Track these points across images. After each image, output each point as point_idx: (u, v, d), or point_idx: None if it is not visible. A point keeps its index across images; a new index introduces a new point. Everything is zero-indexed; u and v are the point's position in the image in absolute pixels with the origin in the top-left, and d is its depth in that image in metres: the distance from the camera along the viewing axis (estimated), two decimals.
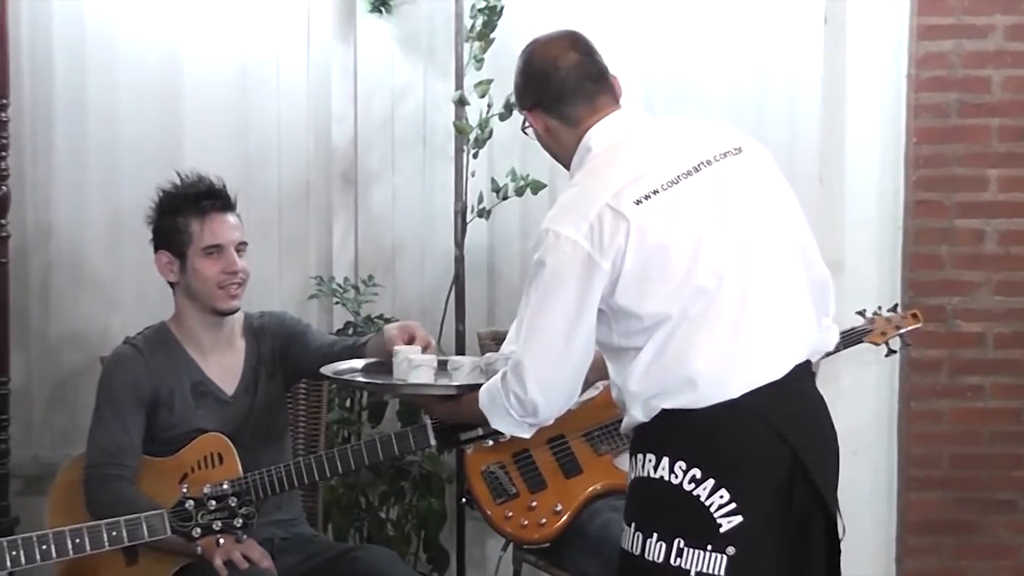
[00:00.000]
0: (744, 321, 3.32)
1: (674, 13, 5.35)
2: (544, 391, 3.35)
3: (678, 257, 3.26)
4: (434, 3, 5.30)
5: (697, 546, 3.25)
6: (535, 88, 3.51)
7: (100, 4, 5.27)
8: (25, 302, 5.30)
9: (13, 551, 3.58)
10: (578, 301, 3.27)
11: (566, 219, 3.30)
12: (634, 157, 3.37)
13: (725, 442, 3.29)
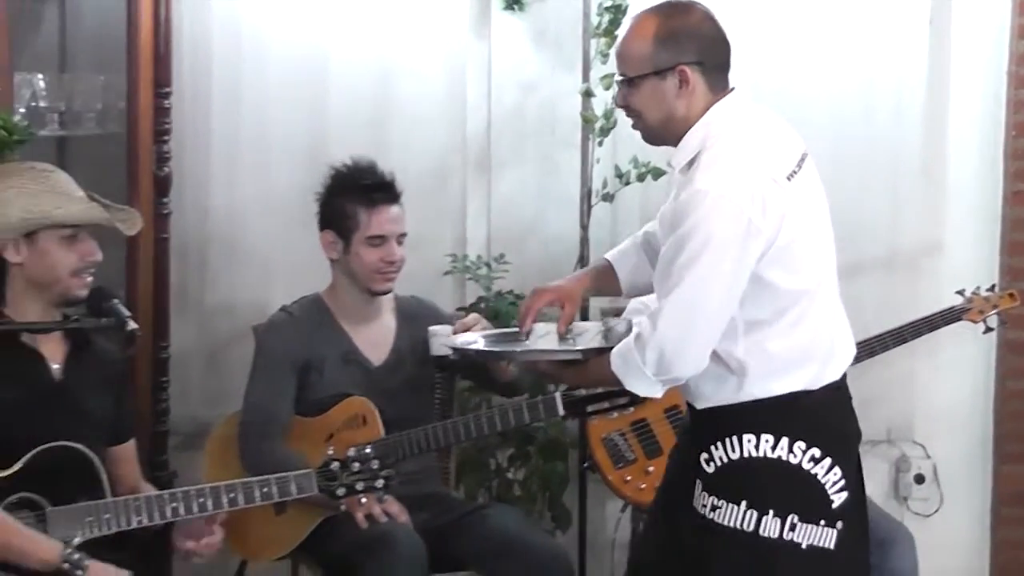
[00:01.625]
0: (838, 305, 3.37)
1: (788, 18, 5.34)
2: (681, 351, 3.18)
3: (814, 236, 3.25)
4: (563, 1, 5.29)
5: (811, 521, 3.22)
6: (706, 48, 3.34)
7: (254, 6, 5.33)
8: (184, 275, 5.35)
9: (173, 503, 3.64)
10: (736, 264, 3.14)
11: (730, 183, 3.15)
12: (770, 136, 3.32)
13: (835, 422, 3.31)
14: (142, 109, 5.00)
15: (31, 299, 3.66)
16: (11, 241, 3.62)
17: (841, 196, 5.17)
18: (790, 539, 3.22)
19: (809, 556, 3.23)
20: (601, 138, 5.12)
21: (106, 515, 3.55)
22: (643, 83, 3.33)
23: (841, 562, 3.27)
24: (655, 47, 3.31)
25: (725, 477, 3.31)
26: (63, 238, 3.64)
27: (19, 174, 3.73)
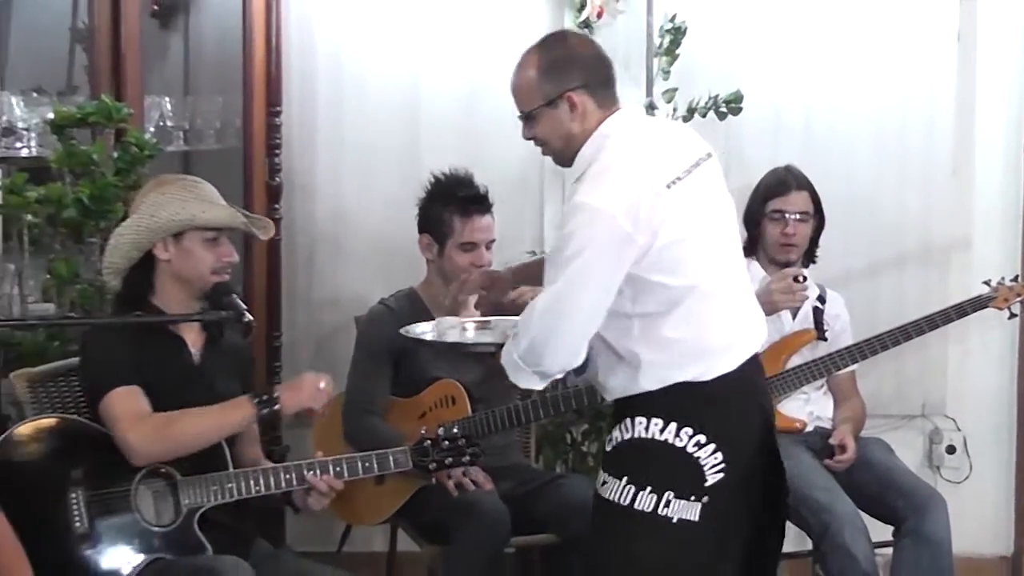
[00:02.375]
0: (737, 298, 3.28)
1: (828, 37, 5.32)
2: (548, 345, 3.13)
3: (698, 237, 3.15)
4: (629, 24, 5.28)
5: (683, 497, 3.17)
6: (587, 71, 3.26)
7: (355, 34, 5.38)
8: (294, 272, 5.42)
9: (287, 475, 3.70)
10: (607, 271, 3.09)
11: (603, 195, 3.09)
12: (656, 146, 3.22)
13: (726, 411, 3.20)
14: (256, 126, 5.10)
15: (175, 292, 3.72)
16: (161, 240, 3.68)
17: (881, 199, 5.32)
18: (663, 514, 3.16)
19: (677, 528, 3.17)
20: None
21: (229, 484, 3.61)
22: (539, 115, 3.29)
23: (706, 534, 3.18)
24: (540, 80, 3.27)
25: (615, 455, 3.27)
26: (206, 240, 3.70)
27: (172, 183, 3.80)
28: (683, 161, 3.19)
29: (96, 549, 3.51)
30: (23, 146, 4.39)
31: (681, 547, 3.19)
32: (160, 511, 3.58)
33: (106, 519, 3.53)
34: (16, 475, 3.53)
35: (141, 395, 3.59)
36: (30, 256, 4.27)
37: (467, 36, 5.33)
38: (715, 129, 5.14)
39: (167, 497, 3.59)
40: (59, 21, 4.87)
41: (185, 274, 3.71)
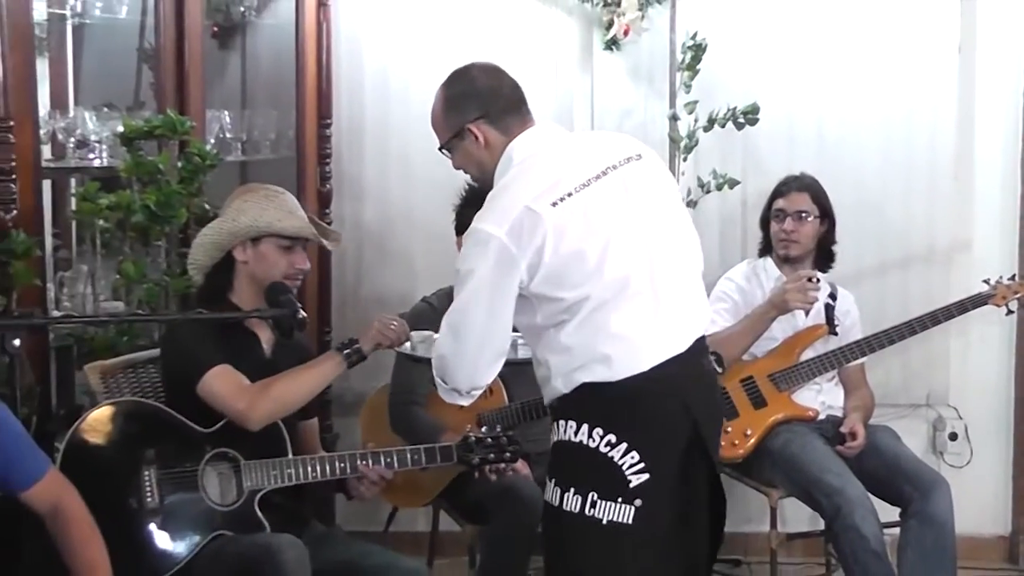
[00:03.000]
0: (652, 302, 3.08)
1: (838, 52, 5.31)
2: (453, 364, 3.14)
3: (592, 250, 3.02)
4: (654, 41, 5.30)
5: (608, 499, 3.04)
6: (484, 102, 3.21)
7: (399, 52, 5.40)
8: (343, 272, 5.44)
9: (341, 463, 3.72)
10: (494, 291, 3.04)
11: (490, 218, 3.04)
12: (550, 165, 3.11)
13: (637, 411, 3.06)
14: (308, 137, 5.15)
15: (250, 291, 3.76)
16: (240, 243, 3.73)
17: (888, 203, 5.33)
18: (591, 515, 3.04)
19: (608, 531, 3.03)
20: (685, 154, 5.15)
21: (288, 470, 3.64)
22: (452, 147, 3.27)
23: (641, 536, 3.04)
24: (445, 116, 3.26)
25: (550, 459, 3.21)
26: (281, 247, 3.74)
27: (256, 191, 3.84)
28: (579, 175, 3.08)
29: (165, 523, 3.55)
30: (95, 157, 4.41)
31: (613, 549, 3.06)
32: (224, 491, 3.62)
33: (175, 496, 3.56)
34: (93, 453, 3.57)
35: (235, 372, 3.64)
36: (101, 258, 4.29)
37: (502, 54, 5.18)
38: (733, 139, 5.20)
39: (231, 479, 3.63)
40: (128, 43, 4.88)
41: (260, 276, 3.74)
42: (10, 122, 3.82)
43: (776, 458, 4.53)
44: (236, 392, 3.60)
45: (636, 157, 3.19)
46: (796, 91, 5.33)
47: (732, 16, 5.28)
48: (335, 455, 3.78)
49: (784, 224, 4.73)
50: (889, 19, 5.32)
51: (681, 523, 3.11)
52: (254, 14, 5.29)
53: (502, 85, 3.26)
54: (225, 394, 3.60)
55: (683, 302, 3.17)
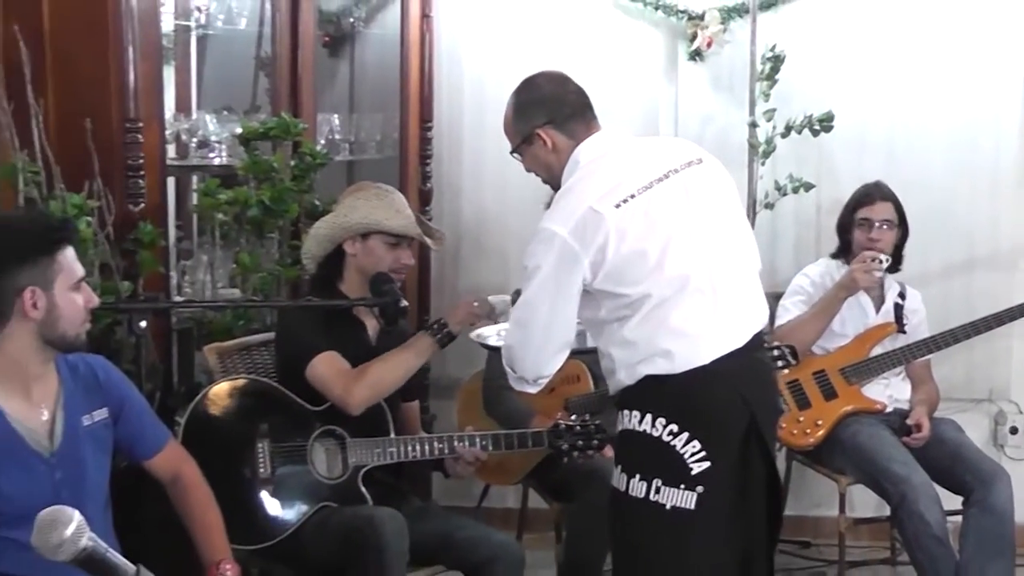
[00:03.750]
0: (711, 299, 3.05)
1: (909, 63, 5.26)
2: (519, 355, 3.13)
3: (653, 249, 3.00)
4: (735, 53, 5.29)
5: (672, 485, 3.01)
6: (550, 108, 3.19)
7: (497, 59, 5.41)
8: (442, 265, 5.47)
9: (440, 444, 3.76)
10: (558, 288, 3.03)
11: (556, 218, 3.03)
12: (614, 168, 3.09)
13: (698, 402, 3.03)
14: (410, 139, 5.19)
15: (358, 283, 3.79)
16: (351, 238, 3.78)
17: (954, 207, 5.29)
18: (655, 500, 3.02)
19: (672, 515, 3.01)
20: (763, 159, 5.13)
21: (390, 448, 3.68)
22: (522, 152, 3.28)
23: (702, 521, 3.02)
24: (515, 122, 3.27)
25: (616, 446, 3.20)
26: (388, 243, 3.78)
27: (368, 189, 3.90)
28: (642, 178, 3.06)
29: (276, 493, 3.61)
30: (215, 156, 4.46)
31: (676, 533, 3.04)
32: (330, 466, 3.67)
33: (286, 468, 3.62)
34: (212, 426, 3.64)
35: (339, 358, 3.68)
36: (220, 249, 4.35)
37: (592, 64, 5.29)
38: (809, 145, 5.17)
39: (337, 455, 3.67)
40: (246, 51, 4.93)
41: (367, 269, 3.78)
42: (139, 124, 3.88)
43: (845, 447, 4.51)
44: (337, 378, 3.64)
45: (697, 162, 3.16)
46: (868, 100, 5.29)
47: (809, 29, 5.26)
48: (434, 436, 3.82)
49: (871, 233, 4.68)
50: (957, 30, 5.25)
51: (740, 509, 3.08)
52: (362, 25, 5.37)
53: (567, 92, 3.25)
54: (328, 379, 3.65)
55: (741, 299, 3.14)
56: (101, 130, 3.82)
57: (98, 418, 3.03)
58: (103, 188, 3.80)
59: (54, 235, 2.87)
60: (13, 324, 2.84)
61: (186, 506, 3.19)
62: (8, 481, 2.81)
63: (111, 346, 3.77)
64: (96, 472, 3.01)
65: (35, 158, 3.71)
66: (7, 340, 2.85)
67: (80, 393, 3.01)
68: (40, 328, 2.85)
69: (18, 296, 2.81)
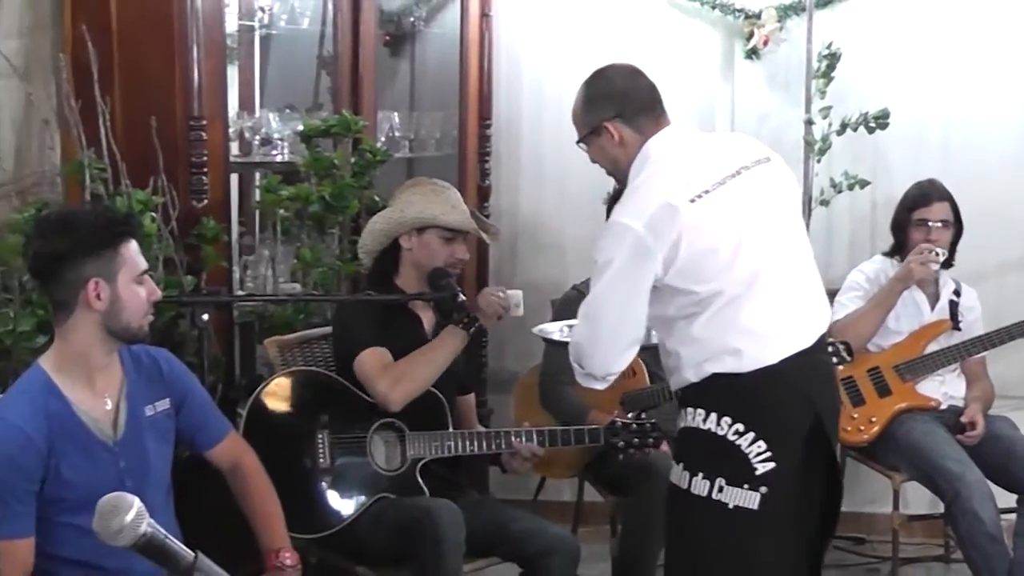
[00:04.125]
0: (780, 298, 3.02)
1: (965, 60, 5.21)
2: (589, 351, 3.05)
3: (725, 246, 2.95)
4: (791, 50, 5.26)
5: (735, 484, 2.96)
6: (620, 102, 3.11)
7: (554, 58, 5.42)
8: (499, 260, 5.47)
9: (497, 439, 3.76)
10: (630, 283, 2.96)
11: (629, 212, 2.96)
12: (687, 163, 3.03)
13: (764, 402, 2.98)
14: (470, 136, 5.18)
15: (413, 277, 3.81)
16: (407, 232, 3.78)
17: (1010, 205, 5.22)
18: (718, 499, 2.97)
19: (734, 515, 2.96)
20: (819, 156, 5.10)
21: (448, 442, 3.68)
22: (588, 142, 3.19)
23: (764, 521, 2.97)
24: (583, 113, 3.19)
25: (677, 442, 3.16)
26: (443, 238, 3.78)
27: (423, 185, 3.91)
28: (715, 174, 3.00)
29: (335, 483, 3.62)
30: (278, 153, 4.49)
31: (738, 532, 2.99)
32: (389, 458, 3.68)
33: (345, 459, 3.64)
34: (273, 417, 3.66)
35: (385, 353, 3.69)
36: (281, 244, 4.37)
37: (648, 62, 5.07)
38: (864, 142, 5.13)
39: (396, 447, 3.68)
40: (308, 51, 4.96)
41: (423, 263, 3.79)
42: (203, 121, 3.92)
43: (899, 444, 4.47)
44: (380, 374, 3.64)
45: (765, 160, 3.12)
46: (924, 97, 5.24)
47: (866, 26, 5.21)
48: (492, 431, 3.83)
49: (929, 234, 4.62)
50: (1013, 26, 5.20)
51: (800, 510, 3.05)
52: (423, 24, 5.39)
53: (638, 87, 3.17)
54: (371, 375, 3.65)
55: (808, 299, 3.11)
56: (166, 128, 3.87)
57: (160, 408, 3.06)
58: (167, 184, 3.85)
59: (117, 228, 2.90)
60: (77, 315, 2.87)
61: (246, 495, 3.21)
62: (72, 468, 2.85)
63: (174, 339, 3.82)
64: (158, 461, 3.04)
65: (101, 155, 3.75)
66: (72, 331, 2.89)
67: (143, 384, 3.04)
68: (104, 319, 2.87)
69: (82, 287, 2.83)
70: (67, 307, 2.86)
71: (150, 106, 3.86)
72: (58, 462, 2.83)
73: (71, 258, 2.83)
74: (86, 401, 2.91)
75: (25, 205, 3.72)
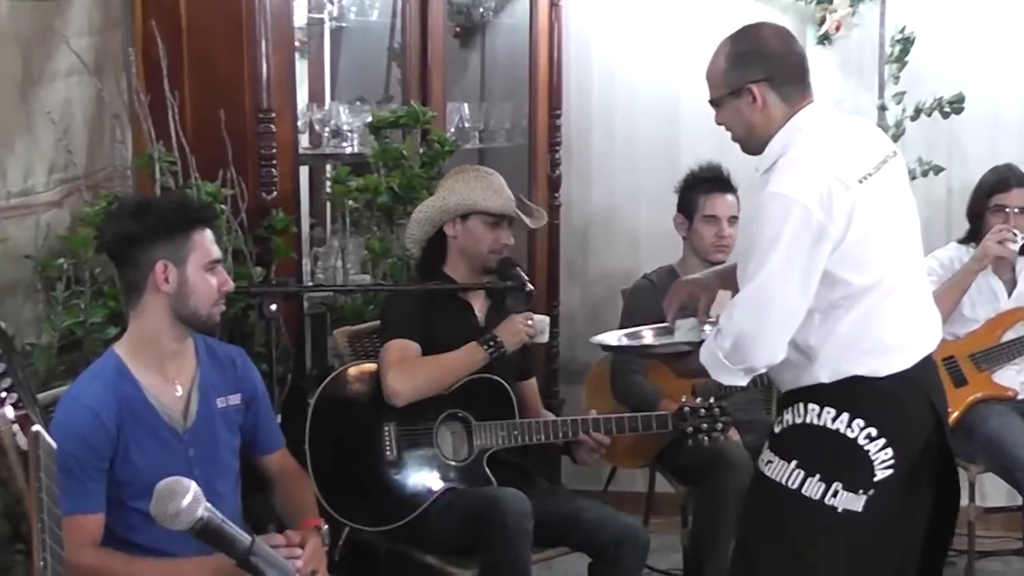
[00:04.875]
0: (915, 298, 2.86)
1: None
2: (754, 341, 2.75)
3: (885, 233, 2.77)
4: (864, 36, 5.16)
5: (851, 489, 2.78)
6: (769, 64, 2.84)
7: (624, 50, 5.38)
8: (570, 251, 5.42)
9: (564, 428, 3.69)
10: (805, 262, 2.68)
11: (796, 184, 2.69)
12: (847, 141, 2.82)
13: (898, 408, 2.79)
14: (539, 127, 5.14)
15: (461, 264, 3.75)
16: (451, 220, 3.73)
17: None
18: (831, 504, 2.78)
19: (841, 518, 2.79)
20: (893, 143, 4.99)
21: (515, 431, 3.62)
22: (723, 103, 2.91)
23: (867, 524, 2.80)
24: (726, 70, 2.89)
25: (785, 437, 2.88)
26: (487, 223, 3.70)
27: (466, 172, 3.85)
28: (873, 157, 2.81)
29: (402, 475, 3.57)
30: (347, 145, 4.47)
31: (844, 537, 2.82)
32: (456, 448, 3.63)
33: (412, 451, 3.59)
34: (340, 408, 3.62)
35: (411, 347, 3.62)
36: (352, 235, 4.34)
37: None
38: (939, 128, 5.02)
39: (463, 438, 3.63)
40: (379, 44, 4.94)
41: (468, 250, 3.74)
42: (272, 114, 3.89)
43: (975, 435, 4.34)
44: (393, 365, 3.57)
45: (893, 154, 2.91)
46: (1000, 81, 5.12)
47: (939, 10, 5.10)
48: (559, 420, 3.75)
49: (1007, 220, 4.49)
50: None
51: (906, 517, 2.87)
52: (492, 15, 5.35)
53: (792, 52, 2.91)
54: (385, 364, 3.59)
55: (929, 299, 2.98)
56: (235, 121, 3.85)
57: (232, 402, 3.05)
58: (236, 177, 3.82)
59: (191, 215, 2.92)
60: (147, 298, 2.88)
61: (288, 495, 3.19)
62: (141, 452, 2.84)
63: (244, 330, 3.81)
64: (227, 451, 3.03)
65: (171, 148, 3.74)
66: (142, 314, 2.90)
67: (217, 375, 3.04)
68: (172, 303, 2.88)
69: (151, 269, 2.85)
70: (138, 290, 2.88)
71: (219, 100, 3.85)
72: (127, 444, 2.83)
73: (143, 240, 2.85)
74: (157, 386, 2.91)
75: (96, 198, 3.71)
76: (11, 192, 3.50)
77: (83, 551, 2.70)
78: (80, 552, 2.66)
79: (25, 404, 2.23)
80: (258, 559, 1.86)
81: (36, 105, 3.63)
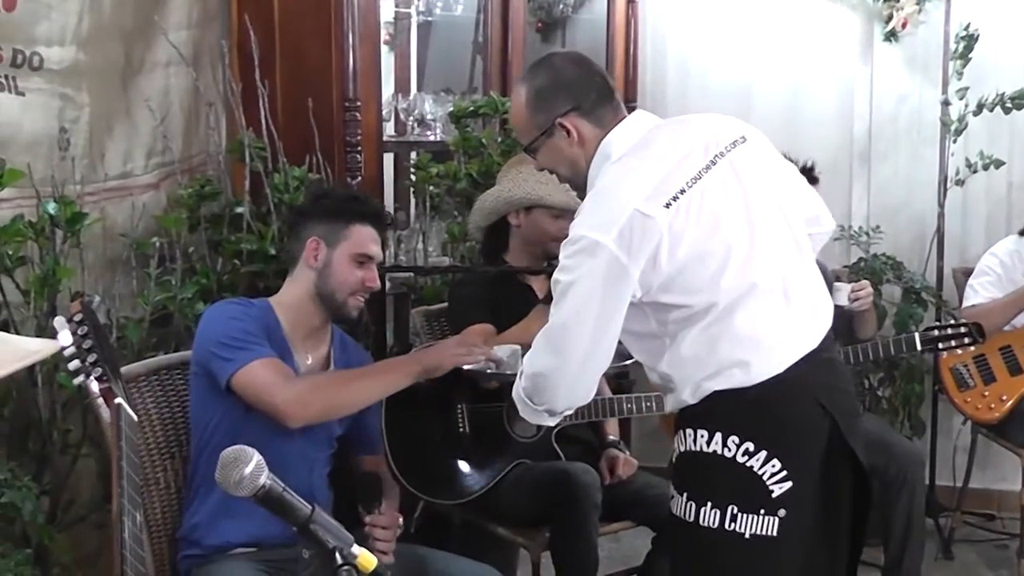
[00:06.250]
0: (782, 298, 2.46)
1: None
2: (551, 383, 2.48)
3: (714, 249, 2.40)
4: (929, 32, 5.02)
5: (750, 511, 2.40)
6: (576, 92, 2.52)
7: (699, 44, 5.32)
8: None
9: (628, 404, 3.63)
10: (605, 307, 2.39)
11: (594, 223, 2.38)
12: (655, 159, 2.44)
13: (774, 415, 2.42)
14: None
15: (523, 252, 3.68)
16: (515, 210, 3.66)
17: None
18: (732, 529, 2.41)
19: (752, 544, 2.41)
20: (955, 137, 4.87)
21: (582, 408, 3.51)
22: (539, 146, 2.59)
23: (786, 547, 2.43)
24: (531, 112, 2.56)
25: (676, 469, 2.54)
26: (551, 216, 3.62)
27: (530, 164, 3.74)
28: (689, 168, 2.43)
29: (475, 451, 3.50)
30: (431, 133, 4.46)
31: (758, 563, 2.44)
32: (525, 426, 3.53)
33: (483, 428, 3.51)
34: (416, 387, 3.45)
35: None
36: (433, 219, 4.29)
37: (790, 46, 5.19)
38: (1001, 122, 4.88)
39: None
40: (464, 37, 4.90)
41: (531, 240, 3.67)
42: (358, 103, 3.87)
43: None
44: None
45: (741, 140, 2.54)
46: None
47: (1003, 7, 4.94)
48: (623, 397, 3.66)
49: None
50: None
51: (825, 527, 2.49)
52: (571, 10, 5.31)
53: (592, 73, 2.59)
54: None
55: (811, 294, 2.55)
56: (322, 109, 3.83)
57: None
58: (323, 162, 3.80)
59: (356, 207, 3.03)
60: (300, 269, 3.01)
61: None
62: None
63: None
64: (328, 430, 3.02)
65: (261, 135, 3.73)
66: (294, 282, 3.02)
67: (342, 366, 3.07)
68: (316, 279, 2.98)
69: (306, 243, 2.98)
70: (295, 260, 3.02)
71: (308, 89, 3.83)
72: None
73: (308, 216, 3.03)
74: (294, 342, 2.97)
75: (191, 182, 3.70)
76: (109, 175, 3.50)
77: (290, 382, 2.81)
78: (288, 384, 2.79)
79: (109, 377, 2.22)
80: (318, 527, 1.82)
81: (136, 93, 3.63)
